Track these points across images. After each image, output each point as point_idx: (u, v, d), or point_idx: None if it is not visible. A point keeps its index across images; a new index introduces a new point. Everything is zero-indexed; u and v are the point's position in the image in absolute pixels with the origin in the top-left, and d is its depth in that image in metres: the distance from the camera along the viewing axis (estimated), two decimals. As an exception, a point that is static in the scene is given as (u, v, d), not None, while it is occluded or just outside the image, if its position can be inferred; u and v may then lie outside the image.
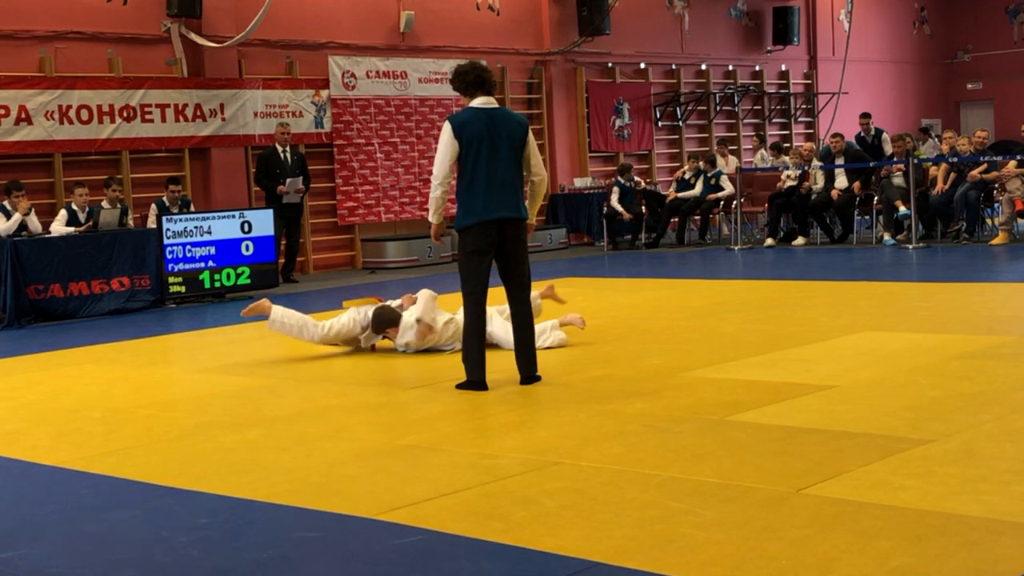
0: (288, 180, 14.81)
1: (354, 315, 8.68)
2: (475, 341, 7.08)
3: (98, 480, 5.47)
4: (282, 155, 15.06)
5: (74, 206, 13.01)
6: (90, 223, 12.88)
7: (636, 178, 18.31)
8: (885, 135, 18.26)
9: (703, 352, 8.00)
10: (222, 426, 6.50)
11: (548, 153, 19.47)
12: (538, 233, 18.54)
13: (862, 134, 18.66)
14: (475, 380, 7.07)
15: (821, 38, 24.24)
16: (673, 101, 21.19)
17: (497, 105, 7.21)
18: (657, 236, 17.82)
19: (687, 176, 18.16)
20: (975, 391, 6.24)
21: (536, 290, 8.40)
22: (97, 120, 14.40)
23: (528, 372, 7.17)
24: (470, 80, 7.15)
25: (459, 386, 7.17)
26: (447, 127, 7.04)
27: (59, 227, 12.79)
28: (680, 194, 17.92)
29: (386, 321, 8.62)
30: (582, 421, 6.09)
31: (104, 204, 13.16)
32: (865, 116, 18.87)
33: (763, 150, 20.37)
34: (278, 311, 8.61)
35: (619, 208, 17.56)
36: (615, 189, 17.73)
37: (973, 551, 3.82)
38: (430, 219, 7.25)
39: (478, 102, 7.13)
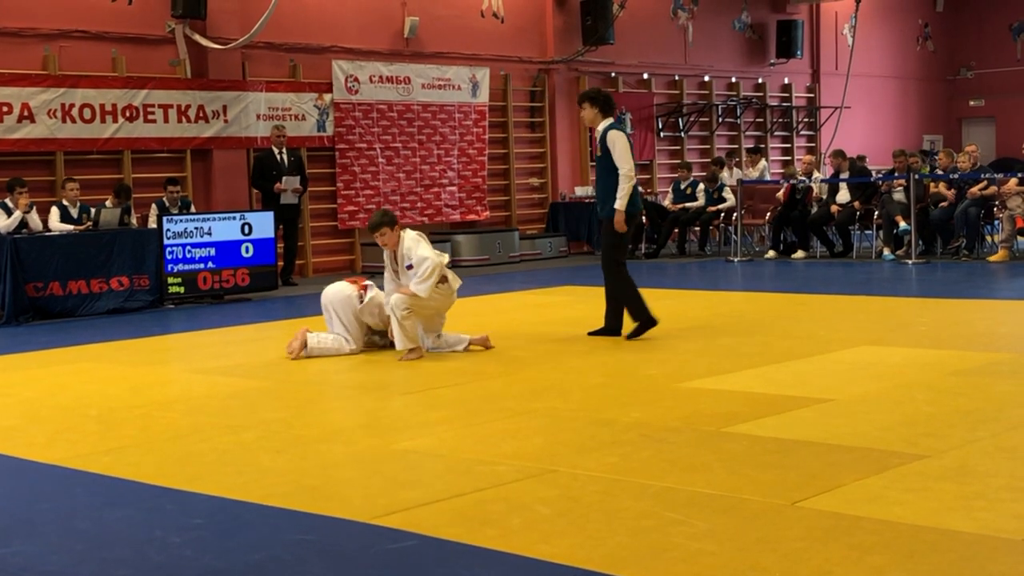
0: (285, 178, 14.77)
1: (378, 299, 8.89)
2: (634, 292, 9.06)
3: (93, 479, 5.47)
4: (278, 157, 15.01)
5: (65, 202, 13.01)
6: (90, 223, 12.88)
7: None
8: None
9: (700, 363, 8.01)
10: (218, 427, 6.50)
11: (549, 161, 19.47)
12: (538, 241, 18.56)
13: None
14: (646, 319, 9.00)
15: (824, 52, 24.27)
16: (675, 112, 21.21)
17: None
18: (657, 247, 17.83)
19: (683, 186, 18.16)
20: (971, 407, 6.24)
21: (471, 335, 8.96)
22: (100, 119, 14.40)
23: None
24: (610, 103, 9.22)
25: (631, 335, 8.97)
26: (622, 135, 9.02)
27: (56, 223, 12.79)
28: (684, 205, 17.93)
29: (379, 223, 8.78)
30: (578, 429, 6.09)
31: (107, 204, 13.17)
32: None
33: (763, 161, 20.37)
34: (313, 339, 8.82)
35: None
36: None
37: (966, 568, 3.82)
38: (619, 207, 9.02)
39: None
